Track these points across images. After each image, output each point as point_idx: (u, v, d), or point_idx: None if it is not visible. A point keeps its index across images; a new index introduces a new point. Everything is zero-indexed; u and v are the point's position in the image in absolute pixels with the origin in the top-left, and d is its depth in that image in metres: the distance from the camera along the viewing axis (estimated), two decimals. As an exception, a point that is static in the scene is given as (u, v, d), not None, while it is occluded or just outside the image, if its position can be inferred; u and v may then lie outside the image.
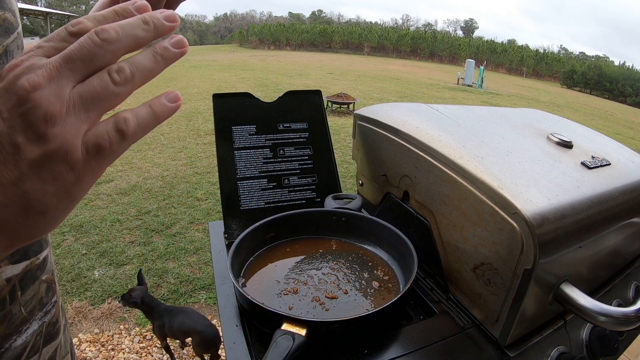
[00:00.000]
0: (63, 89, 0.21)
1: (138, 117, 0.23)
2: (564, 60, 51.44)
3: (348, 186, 3.42)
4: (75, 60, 0.22)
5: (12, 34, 0.36)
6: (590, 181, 0.59)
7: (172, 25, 0.24)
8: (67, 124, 0.21)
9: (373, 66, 22.87)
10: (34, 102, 0.20)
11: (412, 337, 0.52)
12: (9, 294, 0.34)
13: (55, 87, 0.21)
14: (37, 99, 0.20)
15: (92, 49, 0.22)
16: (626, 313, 0.49)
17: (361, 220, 0.71)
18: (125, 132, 0.23)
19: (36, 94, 0.20)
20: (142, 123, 0.24)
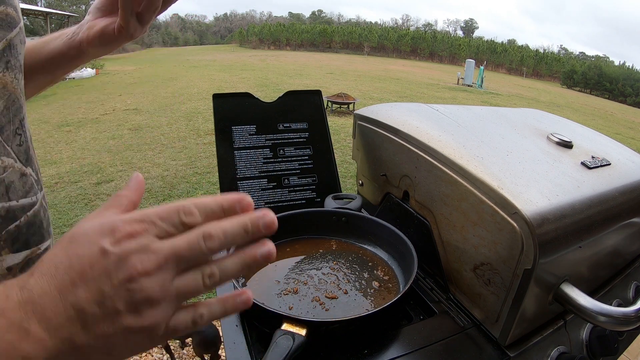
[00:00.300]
0: (166, 279, 0.25)
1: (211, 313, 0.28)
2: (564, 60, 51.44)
3: (348, 186, 3.42)
4: (182, 259, 0.26)
5: (15, 29, 0.36)
6: (590, 181, 0.59)
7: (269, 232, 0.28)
8: (160, 309, 0.25)
9: (373, 66, 22.88)
10: (141, 286, 0.24)
11: (412, 337, 0.52)
12: None
13: (161, 277, 0.25)
14: (144, 283, 0.24)
15: (198, 254, 0.26)
16: (626, 313, 0.49)
17: (361, 220, 0.71)
18: (198, 324, 0.27)
19: (144, 280, 0.24)
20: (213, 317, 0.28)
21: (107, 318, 0.24)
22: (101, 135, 5.23)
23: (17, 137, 0.37)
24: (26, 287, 0.24)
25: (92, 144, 4.85)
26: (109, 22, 0.52)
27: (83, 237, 0.26)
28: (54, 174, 3.79)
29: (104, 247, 0.25)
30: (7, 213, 0.35)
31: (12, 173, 0.36)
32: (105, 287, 0.24)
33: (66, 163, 4.13)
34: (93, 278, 0.24)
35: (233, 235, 0.27)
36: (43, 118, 6.06)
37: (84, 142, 4.90)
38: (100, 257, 0.24)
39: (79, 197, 3.31)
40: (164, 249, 0.25)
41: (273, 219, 0.28)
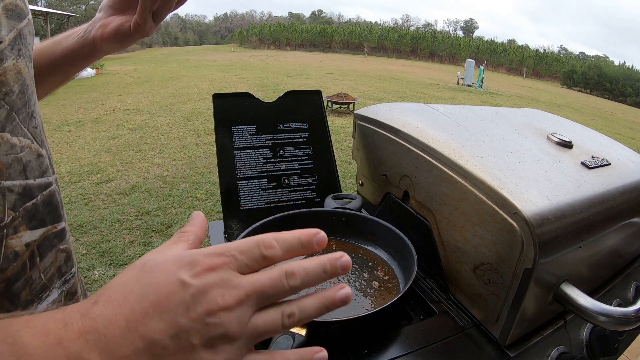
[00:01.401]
0: (245, 316, 0.24)
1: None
2: (564, 60, 51.45)
3: (348, 186, 3.42)
4: (264, 295, 0.25)
5: (24, 19, 0.38)
6: (590, 181, 0.59)
7: (344, 273, 0.28)
8: (237, 346, 0.24)
9: (373, 66, 22.88)
10: (220, 321, 0.23)
11: (412, 337, 0.52)
12: (28, 259, 0.36)
13: (241, 313, 0.24)
14: (223, 318, 0.23)
15: (279, 291, 0.26)
16: (626, 313, 0.49)
17: (361, 220, 0.71)
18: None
19: (224, 314, 0.24)
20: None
21: (179, 352, 0.23)
22: (101, 135, 5.23)
23: (32, 120, 0.38)
24: (89, 315, 0.23)
25: (92, 144, 4.85)
26: (123, 20, 0.53)
27: (158, 267, 0.25)
28: (54, 174, 3.78)
29: (182, 279, 0.24)
30: (25, 190, 0.36)
31: (29, 153, 0.37)
32: (182, 320, 0.23)
33: (66, 163, 4.13)
34: (169, 309, 0.23)
35: (314, 275, 0.27)
36: (43, 118, 6.01)
37: (84, 142, 4.90)
38: (178, 288, 0.23)
39: (79, 197, 3.31)
40: (246, 284, 0.25)
41: (349, 260, 0.28)
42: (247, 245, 0.26)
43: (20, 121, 0.36)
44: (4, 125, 0.33)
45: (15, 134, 0.35)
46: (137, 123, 5.85)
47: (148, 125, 5.76)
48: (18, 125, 0.35)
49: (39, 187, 0.38)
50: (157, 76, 11.74)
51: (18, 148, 0.35)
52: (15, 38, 0.36)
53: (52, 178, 0.41)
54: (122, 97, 8.10)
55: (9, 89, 0.34)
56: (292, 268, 0.26)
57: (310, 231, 0.28)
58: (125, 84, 9.91)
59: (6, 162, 0.33)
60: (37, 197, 0.38)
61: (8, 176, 0.34)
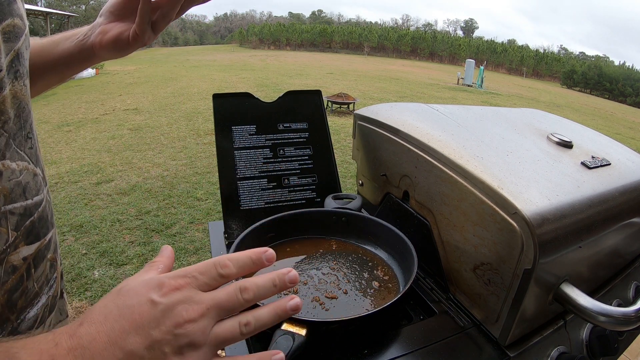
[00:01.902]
0: (207, 327, 0.29)
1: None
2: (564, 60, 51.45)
3: (348, 186, 3.42)
4: (222, 308, 0.30)
5: (21, 37, 0.38)
6: (590, 181, 0.59)
7: (293, 285, 0.32)
8: (202, 352, 0.29)
9: (373, 66, 22.88)
10: (186, 331, 0.28)
11: (412, 337, 0.52)
12: (25, 271, 0.38)
13: (203, 324, 0.29)
14: (189, 329, 0.28)
15: (235, 305, 0.30)
16: (626, 313, 0.49)
17: (361, 220, 0.71)
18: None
19: (189, 326, 0.28)
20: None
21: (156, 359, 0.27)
22: (101, 135, 5.22)
23: (28, 141, 0.39)
24: (76, 335, 0.27)
25: (92, 144, 4.85)
26: (123, 28, 0.52)
27: (132, 291, 0.29)
28: (54, 174, 3.79)
29: (152, 299, 0.28)
30: (25, 211, 0.38)
31: (27, 174, 0.38)
32: (155, 333, 0.27)
33: (66, 163, 4.13)
34: (143, 325, 0.27)
35: (265, 288, 0.31)
36: (43, 118, 6.06)
37: (84, 142, 4.90)
38: (149, 307, 0.28)
39: (79, 197, 3.31)
40: (206, 299, 0.29)
41: (296, 275, 0.32)
42: (205, 267, 0.30)
43: (17, 145, 0.37)
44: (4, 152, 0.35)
45: (13, 159, 0.36)
46: (137, 123, 5.85)
47: (148, 125, 5.76)
48: (15, 150, 0.36)
49: (35, 205, 0.39)
50: (157, 76, 11.74)
51: (17, 172, 0.36)
52: (13, 60, 0.36)
53: (44, 190, 0.42)
54: (122, 97, 8.09)
55: (7, 116, 0.35)
56: (245, 284, 0.30)
57: (260, 250, 0.32)
58: (125, 84, 9.91)
59: (9, 187, 0.35)
60: (34, 215, 0.39)
61: (10, 200, 0.36)
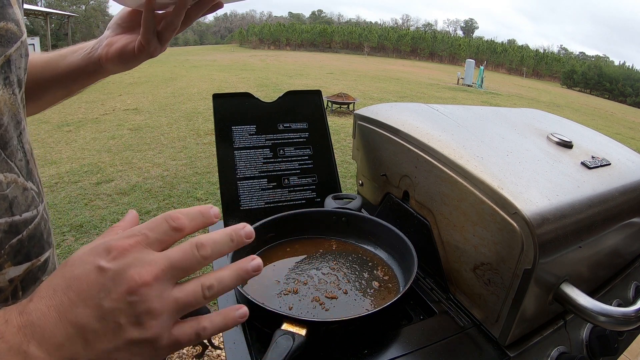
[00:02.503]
0: (165, 290, 0.26)
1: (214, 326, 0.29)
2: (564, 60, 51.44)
3: (348, 186, 3.42)
4: (178, 268, 0.27)
5: (15, 44, 0.36)
6: (590, 181, 0.59)
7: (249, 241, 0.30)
8: (162, 320, 0.26)
9: (373, 66, 22.87)
10: (141, 297, 0.25)
11: (412, 337, 0.52)
12: (11, 294, 0.36)
13: (160, 287, 0.26)
14: (144, 294, 0.25)
15: (192, 262, 0.27)
16: (626, 313, 0.49)
17: (361, 220, 0.71)
18: (201, 337, 0.28)
19: (144, 290, 0.25)
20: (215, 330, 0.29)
21: (109, 333, 0.25)
22: (101, 135, 5.22)
23: (18, 152, 0.37)
24: (25, 311, 0.25)
25: (92, 144, 4.85)
26: (129, 40, 0.51)
27: (78, 260, 0.27)
28: (54, 174, 3.78)
29: (100, 265, 0.25)
30: (10, 227, 0.35)
31: (15, 188, 0.36)
32: (105, 303, 0.25)
33: (66, 163, 4.13)
34: (91, 295, 0.25)
35: (222, 243, 0.29)
36: (43, 118, 6.06)
37: (84, 142, 4.90)
38: (97, 274, 0.25)
39: (79, 197, 3.31)
40: (159, 258, 0.26)
41: (251, 229, 0.30)
42: (155, 222, 0.28)
43: (7, 156, 0.35)
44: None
45: (1, 171, 0.34)
46: (137, 123, 5.85)
47: (148, 125, 5.75)
48: (4, 160, 0.35)
49: (24, 222, 0.37)
50: (157, 76, 11.74)
51: (4, 185, 0.34)
52: (2, 65, 0.34)
53: (38, 209, 0.40)
54: (122, 97, 8.09)
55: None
56: (201, 240, 0.28)
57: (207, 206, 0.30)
58: (125, 84, 9.91)
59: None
60: (22, 233, 0.37)
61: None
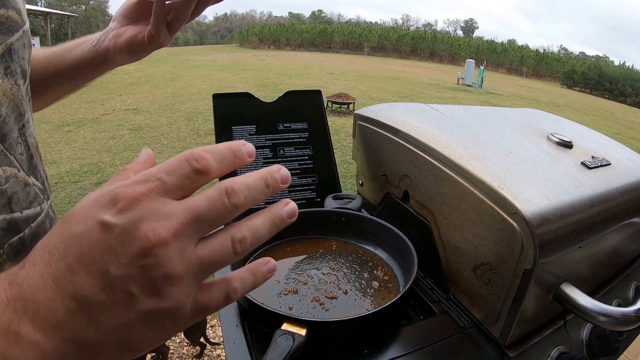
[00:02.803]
0: (186, 248, 0.21)
1: (244, 285, 0.24)
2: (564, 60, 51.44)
3: (348, 186, 3.42)
4: (204, 220, 0.21)
5: (17, 32, 0.35)
6: (590, 181, 0.59)
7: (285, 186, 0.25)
8: (183, 285, 0.21)
9: (373, 66, 22.87)
10: (157, 259, 0.20)
11: (412, 337, 0.52)
12: None
13: (180, 245, 0.21)
14: (161, 255, 0.20)
15: (221, 212, 0.22)
16: (626, 313, 0.49)
17: (361, 220, 0.71)
18: (231, 299, 0.24)
19: (160, 250, 0.20)
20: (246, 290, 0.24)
21: (119, 305, 0.20)
22: (101, 135, 5.22)
23: (18, 146, 0.35)
24: (16, 281, 0.20)
25: (92, 144, 4.85)
26: (137, 30, 0.50)
27: (79, 213, 0.21)
28: (54, 174, 3.79)
29: (103, 220, 0.20)
30: (10, 225, 0.33)
31: (15, 183, 0.33)
32: (112, 268, 0.19)
33: (66, 163, 4.13)
34: (95, 260, 0.20)
35: (257, 189, 0.23)
36: (43, 118, 6.06)
37: (84, 142, 4.90)
38: (101, 232, 0.20)
39: (79, 197, 3.31)
40: (180, 209, 0.21)
41: (287, 172, 0.25)
42: (174, 163, 0.22)
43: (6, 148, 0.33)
44: None
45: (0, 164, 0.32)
46: (137, 123, 5.85)
47: (148, 125, 5.75)
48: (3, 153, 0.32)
49: (26, 219, 0.35)
50: (157, 76, 11.74)
51: (2, 179, 0.32)
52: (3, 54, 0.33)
53: (42, 207, 0.38)
54: (122, 97, 8.10)
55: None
56: (232, 185, 0.22)
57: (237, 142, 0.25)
58: (125, 84, 9.91)
59: None
60: (24, 231, 0.34)
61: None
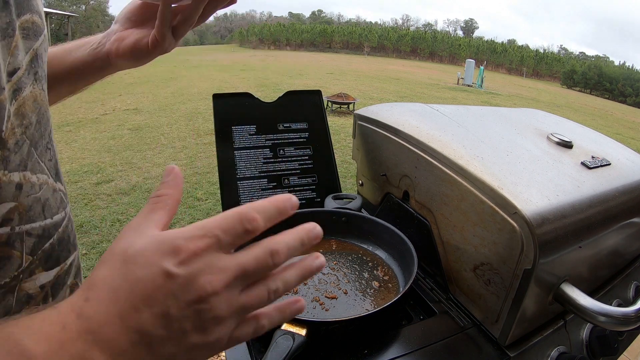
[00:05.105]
0: (233, 297, 0.25)
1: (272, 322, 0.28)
2: (564, 60, 51.44)
3: (348, 186, 3.42)
4: (250, 276, 0.25)
5: (40, 37, 0.35)
6: (590, 181, 0.59)
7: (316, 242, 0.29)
8: (226, 325, 0.25)
9: (373, 66, 22.87)
10: (210, 305, 0.24)
11: (412, 337, 0.52)
12: (42, 300, 0.35)
13: (229, 295, 0.25)
14: (213, 302, 0.24)
15: (264, 269, 0.26)
16: (626, 313, 0.49)
17: (361, 220, 0.71)
18: (259, 334, 0.28)
19: (214, 299, 0.24)
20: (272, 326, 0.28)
21: (174, 338, 0.24)
22: (101, 135, 5.22)
23: (47, 152, 0.36)
24: (83, 315, 0.23)
25: (92, 144, 4.85)
26: (141, 35, 0.48)
27: (140, 258, 0.24)
28: (54, 174, 3.78)
29: (168, 270, 0.23)
30: (44, 232, 0.34)
31: (46, 190, 0.35)
32: (172, 310, 0.23)
33: (66, 163, 4.13)
34: (159, 302, 0.23)
35: (295, 249, 0.27)
36: (43, 118, 6.05)
37: (84, 142, 4.90)
38: (165, 279, 0.23)
39: (79, 197, 3.31)
40: (232, 266, 0.25)
41: (320, 231, 0.29)
42: (229, 223, 0.25)
43: (38, 156, 0.34)
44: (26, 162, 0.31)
45: (34, 172, 0.33)
46: (137, 123, 5.85)
47: (148, 125, 5.75)
48: (36, 160, 0.33)
49: (55, 225, 0.36)
50: (157, 76, 11.74)
51: (37, 187, 0.33)
52: (32, 60, 0.33)
53: (67, 209, 0.39)
54: (122, 97, 8.09)
55: (29, 121, 0.32)
56: (276, 247, 0.26)
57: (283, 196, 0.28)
58: (125, 84, 9.91)
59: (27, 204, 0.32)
60: (53, 237, 0.36)
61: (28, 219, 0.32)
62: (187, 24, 0.47)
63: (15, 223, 0.31)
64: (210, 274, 0.24)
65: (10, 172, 0.30)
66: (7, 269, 0.31)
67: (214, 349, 0.26)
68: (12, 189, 0.30)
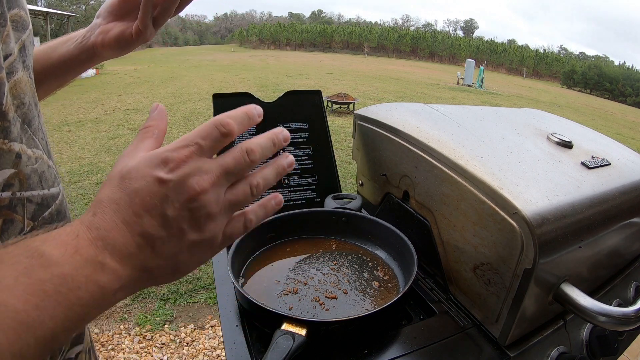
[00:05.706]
0: (220, 194, 0.29)
1: (257, 217, 0.32)
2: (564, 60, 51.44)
3: (348, 186, 3.42)
4: (231, 173, 0.29)
5: (27, 30, 0.38)
6: (590, 181, 0.59)
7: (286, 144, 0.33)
8: (218, 221, 0.29)
9: (373, 66, 22.87)
10: (201, 203, 0.27)
11: (412, 337, 0.52)
12: None
13: (216, 192, 0.28)
14: (203, 200, 0.27)
15: (243, 166, 0.30)
16: (626, 313, 0.49)
17: (361, 220, 0.71)
18: (249, 228, 0.32)
19: (203, 197, 0.27)
20: (259, 221, 0.32)
21: (174, 238, 0.27)
22: (101, 135, 5.22)
23: (40, 132, 0.39)
24: (93, 226, 0.26)
25: (92, 144, 4.85)
26: (124, 26, 0.53)
27: (135, 172, 0.27)
28: (54, 174, 3.79)
29: (160, 177, 0.27)
30: (43, 200, 0.37)
31: (42, 164, 0.38)
32: (169, 212, 0.27)
33: (66, 163, 4.13)
34: (155, 206, 0.26)
35: (267, 148, 0.31)
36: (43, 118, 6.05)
37: (84, 142, 4.90)
38: (158, 186, 0.27)
39: (79, 197, 3.31)
40: (215, 167, 0.28)
41: (288, 133, 0.33)
42: (207, 130, 0.29)
43: (32, 133, 0.37)
44: (21, 137, 0.34)
45: (29, 146, 0.36)
46: (137, 123, 5.85)
47: (148, 125, 5.75)
48: (31, 137, 0.36)
49: (52, 196, 0.39)
50: (157, 76, 11.74)
51: (33, 159, 0.36)
52: (21, 50, 0.36)
53: (61, 187, 0.42)
54: (122, 97, 8.09)
55: (21, 101, 0.35)
56: (250, 146, 0.31)
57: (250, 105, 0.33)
58: (125, 84, 9.91)
59: (26, 173, 0.35)
60: (51, 207, 0.39)
61: (28, 187, 0.35)
62: (166, 15, 0.52)
63: (16, 189, 0.34)
64: (198, 175, 0.27)
65: (11, 142, 0.33)
66: (11, 232, 0.34)
67: (213, 245, 0.29)
68: (12, 157, 0.33)
